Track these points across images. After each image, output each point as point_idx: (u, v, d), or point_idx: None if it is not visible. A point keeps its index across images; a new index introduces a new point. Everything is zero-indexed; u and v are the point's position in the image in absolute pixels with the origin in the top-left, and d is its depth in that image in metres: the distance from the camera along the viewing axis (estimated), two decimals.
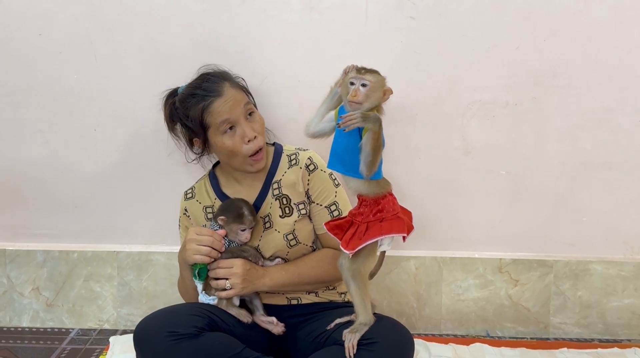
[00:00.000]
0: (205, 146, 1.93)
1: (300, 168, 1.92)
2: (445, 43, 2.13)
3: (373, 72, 1.57)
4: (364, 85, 1.54)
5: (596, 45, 2.12)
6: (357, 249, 1.60)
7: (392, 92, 1.58)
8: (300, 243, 1.90)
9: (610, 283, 2.27)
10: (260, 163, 1.89)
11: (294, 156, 1.94)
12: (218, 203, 1.94)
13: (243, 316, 1.83)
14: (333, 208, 1.90)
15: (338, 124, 1.53)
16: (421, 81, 2.14)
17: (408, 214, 1.68)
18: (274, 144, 2.01)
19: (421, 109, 2.17)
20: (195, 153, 2.00)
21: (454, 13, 2.10)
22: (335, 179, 1.93)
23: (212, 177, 2.00)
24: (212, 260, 1.81)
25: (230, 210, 1.84)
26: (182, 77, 2.00)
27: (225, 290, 1.79)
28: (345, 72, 1.59)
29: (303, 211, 1.91)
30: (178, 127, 1.97)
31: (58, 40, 2.15)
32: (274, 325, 1.86)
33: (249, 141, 1.84)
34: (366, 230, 1.61)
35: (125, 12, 2.12)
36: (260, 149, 1.87)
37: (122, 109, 2.20)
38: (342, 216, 1.73)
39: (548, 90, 2.15)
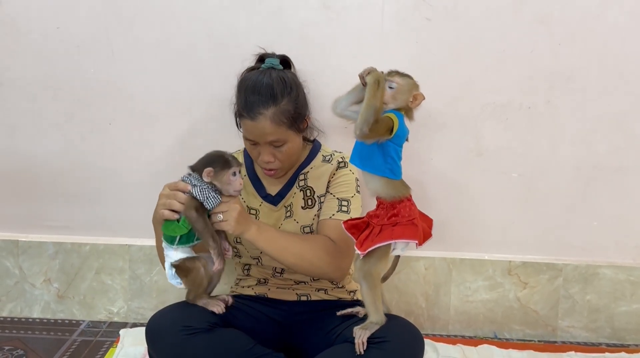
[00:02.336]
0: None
1: (332, 164, 1.94)
2: (460, 45, 2.13)
3: (403, 75, 1.60)
4: (391, 87, 1.57)
5: (612, 49, 2.12)
6: (368, 250, 1.60)
7: (423, 98, 1.60)
8: None
9: (619, 288, 2.28)
10: (272, 176, 1.90)
11: (330, 156, 1.96)
12: (247, 179, 1.96)
13: (211, 305, 1.75)
14: (344, 203, 1.89)
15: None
16: (436, 82, 2.14)
17: (428, 221, 1.68)
18: (313, 141, 2.02)
19: (435, 110, 2.17)
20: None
21: (470, 15, 2.11)
22: (359, 186, 1.93)
23: (247, 155, 2.00)
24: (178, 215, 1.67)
25: (214, 160, 1.69)
26: (199, 73, 2.01)
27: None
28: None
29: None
30: None
31: (76, 34, 2.17)
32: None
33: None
34: (379, 232, 1.61)
35: (144, 7, 2.14)
36: (274, 170, 1.87)
37: (138, 103, 2.21)
38: (361, 217, 1.73)
39: (563, 93, 2.15)
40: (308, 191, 1.92)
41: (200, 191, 1.65)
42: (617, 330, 2.30)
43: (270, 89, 1.80)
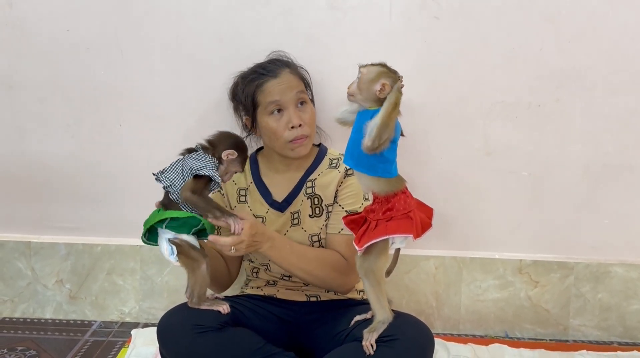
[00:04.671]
0: (253, 126, 1.94)
1: (339, 171, 1.92)
2: (469, 43, 2.13)
3: (372, 64, 1.56)
4: (359, 78, 1.55)
5: (621, 48, 2.11)
6: (364, 247, 1.59)
7: (390, 87, 1.51)
8: (323, 246, 1.92)
9: (630, 286, 2.27)
10: (301, 149, 1.88)
11: (337, 160, 1.95)
12: (253, 187, 1.96)
13: (217, 305, 1.75)
14: None
15: None
16: (444, 81, 2.15)
17: (427, 211, 1.66)
18: (319, 145, 2.02)
19: (443, 109, 2.17)
20: (246, 132, 2.02)
21: (478, 13, 2.10)
22: (366, 194, 1.93)
23: (253, 161, 2.02)
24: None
25: (240, 146, 1.76)
26: (207, 74, 2.02)
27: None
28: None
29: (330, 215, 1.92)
30: (240, 107, 1.98)
31: (85, 36, 2.18)
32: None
33: (292, 127, 1.85)
34: (375, 228, 1.61)
35: (152, 9, 2.15)
36: (304, 137, 1.87)
37: (147, 105, 2.22)
38: (359, 212, 1.73)
39: (572, 92, 2.14)
40: (316, 200, 1.92)
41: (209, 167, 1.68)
42: (629, 329, 2.29)
43: (284, 59, 1.98)
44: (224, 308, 1.74)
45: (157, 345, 1.75)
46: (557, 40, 2.11)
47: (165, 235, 1.70)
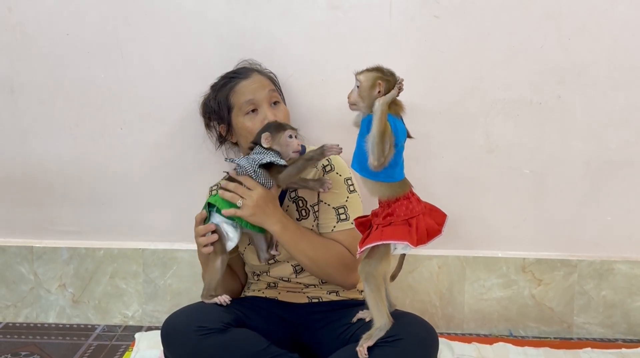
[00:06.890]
0: (229, 131, 1.97)
1: (317, 169, 1.92)
2: (469, 41, 2.13)
3: (367, 71, 1.56)
4: (358, 86, 1.55)
5: (622, 44, 2.11)
6: (361, 251, 1.59)
7: (382, 86, 1.52)
8: None
9: (634, 283, 2.26)
10: None
11: None
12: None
13: (217, 298, 1.78)
14: (341, 211, 1.89)
15: None
16: (445, 79, 2.15)
17: (439, 217, 1.63)
18: None
19: (445, 107, 2.17)
20: (220, 142, 2.05)
21: (478, 11, 2.10)
22: (352, 185, 1.93)
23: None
24: None
25: (269, 126, 1.80)
26: (208, 75, 2.02)
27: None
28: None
29: (318, 214, 1.92)
30: (212, 123, 2.02)
31: (86, 39, 2.18)
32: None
33: None
34: (374, 232, 1.60)
35: (152, 11, 2.15)
36: None
37: (148, 107, 2.22)
38: (367, 214, 1.72)
39: (573, 88, 2.14)
40: (300, 202, 1.92)
41: (256, 176, 1.76)
42: (633, 326, 2.28)
43: (254, 66, 2.04)
44: (224, 299, 1.77)
45: (161, 348, 1.74)
46: (558, 36, 2.11)
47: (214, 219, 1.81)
